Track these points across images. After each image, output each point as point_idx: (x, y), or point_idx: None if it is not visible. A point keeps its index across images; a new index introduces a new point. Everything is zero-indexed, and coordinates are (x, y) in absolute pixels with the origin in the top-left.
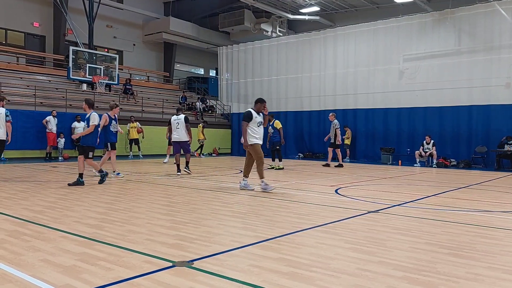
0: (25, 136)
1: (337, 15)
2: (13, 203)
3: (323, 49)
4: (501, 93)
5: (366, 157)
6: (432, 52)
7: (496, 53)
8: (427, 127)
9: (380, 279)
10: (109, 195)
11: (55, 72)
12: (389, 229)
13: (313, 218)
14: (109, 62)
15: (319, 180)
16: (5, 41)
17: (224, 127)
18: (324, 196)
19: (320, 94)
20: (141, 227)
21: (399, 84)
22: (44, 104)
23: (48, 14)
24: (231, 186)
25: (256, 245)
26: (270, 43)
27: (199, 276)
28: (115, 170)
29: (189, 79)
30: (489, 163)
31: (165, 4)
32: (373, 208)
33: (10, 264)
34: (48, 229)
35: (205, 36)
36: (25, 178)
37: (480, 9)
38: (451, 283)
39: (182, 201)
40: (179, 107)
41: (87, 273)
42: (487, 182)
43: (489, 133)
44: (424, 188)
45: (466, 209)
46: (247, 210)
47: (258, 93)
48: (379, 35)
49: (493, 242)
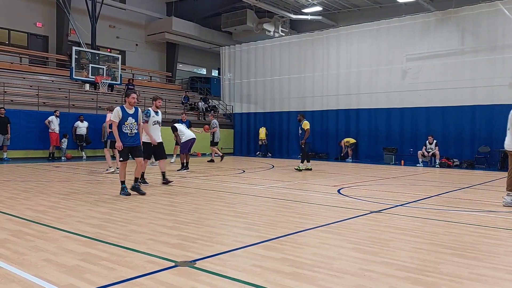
0: (28, 136)
1: (340, 14)
2: (16, 203)
3: (325, 49)
4: (505, 93)
5: (368, 157)
6: (435, 52)
7: (500, 52)
8: (430, 127)
9: (383, 279)
10: (111, 195)
11: (58, 72)
12: (392, 229)
13: (316, 218)
14: (112, 62)
15: (321, 180)
16: (8, 41)
17: (227, 127)
18: (326, 196)
19: (322, 94)
20: (143, 227)
21: (402, 84)
22: (47, 104)
23: (51, 14)
24: (234, 186)
25: (259, 245)
26: (273, 43)
27: (202, 276)
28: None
29: (191, 79)
30: (492, 163)
31: (168, 4)
32: (376, 208)
33: (13, 264)
34: (51, 229)
35: (207, 36)
36: (28, 178)
37: (483, 9)
38: (454, 283)
39: (185, 201)
40: (175, 119)
41: (90, 273)
42: (490, 182)
43: (492, 133)
44: (427, 188)
45: (469, 209)
46: (250, 210)
47: (260, 93)
48: (382, 35)
49: (496, 243)
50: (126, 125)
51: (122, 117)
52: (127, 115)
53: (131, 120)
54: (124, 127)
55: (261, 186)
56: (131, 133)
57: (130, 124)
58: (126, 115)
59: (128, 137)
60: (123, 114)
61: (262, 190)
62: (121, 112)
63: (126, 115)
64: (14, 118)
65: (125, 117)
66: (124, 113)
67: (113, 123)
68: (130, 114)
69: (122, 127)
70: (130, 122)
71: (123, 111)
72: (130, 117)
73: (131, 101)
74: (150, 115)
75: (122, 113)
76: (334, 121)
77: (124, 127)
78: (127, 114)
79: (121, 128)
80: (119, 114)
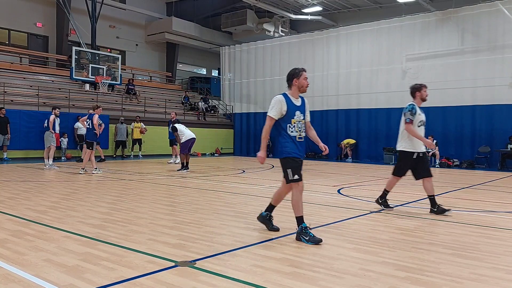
0: (28, 136)
1: (340, 14)
2: (16, 203)
3: (325, 49)
4: (505, 93)
5: (368, 157)
6: (435, 52)
7: (500, 52)
8: (430, 127)
9: (383, 279)
10: (111, 195)
11: (58, 72)
12: (392, 229)
13: (316, 218)
14: (112, 62)
15: (321, 180)
16: (8, 41)
17: (227, 127)
18: (326, 196)
19: (322, 94)
20: (143, 227)
21: (402, 84)
22: (47, 104)
23: (51, 14)
24: (234, 186)
25: (259, 245)
26: (273, 43)
27: (202, 276)
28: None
29: (191, 79)
30: (492, 163)
31: (168, 4)
32: (376, 208)
33: (13, 264)
34: (51, 229)
35: (207, 36)
36: (28, 178)
37: (483, 9)
38: (454, 283)
39: (185, 201)
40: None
41: (90, 273)
42: (491, 182)
43: (492, 133)
44: None
45: (469, 209)
46: (250, 210)
47: (260, 93)
48: (382, 35)
49: (496, 243)
50: (293, 124)
51: (286, 110)
52: (294, 108)
53: (298, 115)
54: (290, 127)
55: (261, 186)
56: (300, 137)
57: (298, 122)
58: (292, 108)
59: (297, 143)
60: (288, 107)
61: (262, 190)
62: (286, 103)
63: (293, 108)
64: (14, 118)
65: (292, 110)
66: (290, 105)
67: (269, 120)
68: (297, 106)
69: (286, 128)
70: (298, 119)
71: (287, 100)
72: (297, 110)
73: (302, 83)
74: (416, 112)
75: (288, 104)
76: (334, 121)
77: (290, 128)
78: (293, 106)
79: (285, 128)
80: (281, 106)
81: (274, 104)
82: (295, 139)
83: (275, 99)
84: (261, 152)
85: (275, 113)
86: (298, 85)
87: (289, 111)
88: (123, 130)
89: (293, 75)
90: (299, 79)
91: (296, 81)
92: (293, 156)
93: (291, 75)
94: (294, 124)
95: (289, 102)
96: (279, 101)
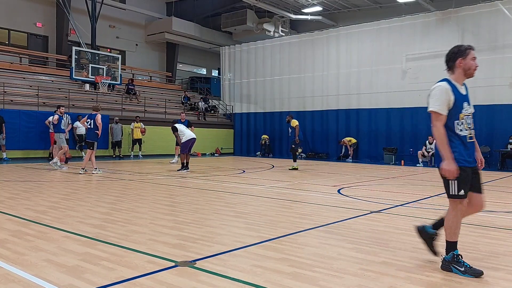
0: (28, 136)
1: (340, 14)
2: (16, 203)
3: (325, 49)
4: (505, 93)
5: (368, 157)
6: (435, 52)
7: (500, 52)
8: (430, 127)
9: (383, 279)
10: (111, 195)
11: (58, 72)
12: (392, 229)
13: (316, 218)
14: (112, 62)
15: (321, 180)
16: (8, 41)
17: (227, 127)
18: (326, 196)
19: (323, 94)
20: (143, 227)
21: (402, 84)
22: (47, 104)
23: (51, 14)
24: (234, 186)
25: (259, 245)
26: (273, 43)
27: (202, 276)
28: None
29: (191, 79)
30: (492, 163)
31: (168, 4)
32: (376, 208)
33: (13, 264)
34: (51, 229)
35: (207, 36)
36: (28, 178)
37: (483, 9)
38: (454, 283)
39: (185, 201)
40: (175, 120)
41: (90, 273)
42: (491, 182)
43: (492, 133)
44: (427, 188)
45: None
46: (250, 210)
47: (260, 93)
48: (382, 35)
49: (496, 243)
50: (461, 120)
51: (454, 101)
52: (462, 98)
53: (467, 108)
54: (459, 124)
55: (261, 186)
56: (471, 137)
57: (467, 116)
58: (460, 98)
59: (468, 145)
60: (456, 97)
61: (262, 190)
62: (453, 92)
63: (460, 98)
64: (14, 118)
65: (460, 101)
66: (458, 95)
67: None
68: (464, 96)
69: (453, 126)
70: (467, 113)
71: (454, 89)
72: (465, 101)
73: (470, 64)
74: None
75: (455, 94)
76: (334, 121)
77: (459, 125)
78: (460, 96)
79: (452, 127)
80: (448, 97)
81: (438, 94)
82: (465, 139)
83: (438, 87)
84: (450, 163)
85: (442, 107)
86: (464, 67)
87: (457, 103)
88: (118, 130)
89: (457, 53)
90: (465, 59)
91: (462, 62)
92: (461, 165)
93: (454, 54)
94: (463, 119)
95: (456, 91)
96: (444, 90)
